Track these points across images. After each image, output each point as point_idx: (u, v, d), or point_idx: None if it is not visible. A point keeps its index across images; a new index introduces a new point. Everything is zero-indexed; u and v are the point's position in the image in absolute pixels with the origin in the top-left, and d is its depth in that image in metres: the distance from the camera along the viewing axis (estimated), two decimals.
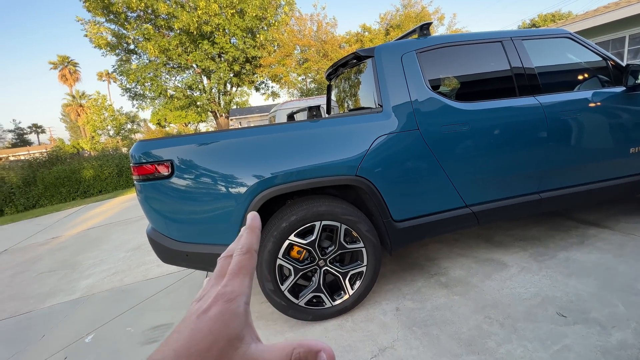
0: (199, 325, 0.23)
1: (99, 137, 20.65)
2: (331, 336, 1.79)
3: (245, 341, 0.24)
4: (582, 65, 2.40)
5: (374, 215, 1.96)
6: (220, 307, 0.24)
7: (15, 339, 2.31)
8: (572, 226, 2.73)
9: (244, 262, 0.27)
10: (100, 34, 13.76)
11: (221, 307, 0.24)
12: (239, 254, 0.28)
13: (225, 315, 0.23)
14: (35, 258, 4.18)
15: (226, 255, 0.29)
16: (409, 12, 15.64)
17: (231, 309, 0.24)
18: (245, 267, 0.27)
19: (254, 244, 0.29)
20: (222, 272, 0.27)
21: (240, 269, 0.26)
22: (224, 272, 0.27)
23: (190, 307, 0.26)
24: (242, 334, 0.24)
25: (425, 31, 2.15)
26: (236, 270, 0.26)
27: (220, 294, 0.25)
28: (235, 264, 0.27)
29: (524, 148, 2.09)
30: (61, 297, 2.86)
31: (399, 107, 1.93)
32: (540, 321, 1.67)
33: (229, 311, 0.24)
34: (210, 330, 0.22)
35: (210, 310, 0.24)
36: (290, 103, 6.42)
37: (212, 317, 0.23)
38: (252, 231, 0.30)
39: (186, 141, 1.77)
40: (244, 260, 0.27)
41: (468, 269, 2.29)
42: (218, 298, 0.24)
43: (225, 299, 0.24)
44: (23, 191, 8.84)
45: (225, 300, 0.24)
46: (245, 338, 0.24)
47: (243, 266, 0.27)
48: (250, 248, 0.28)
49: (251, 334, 0.25)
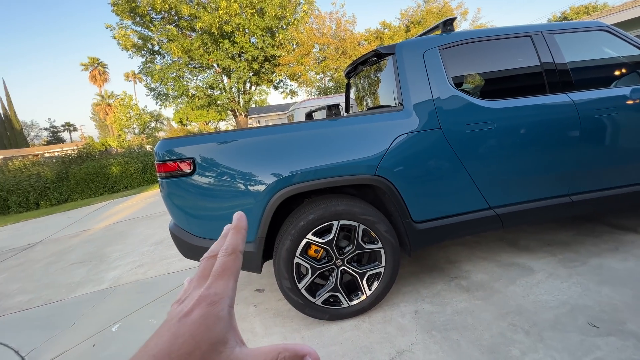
0: (180, 329, 0.22)
1: (125, 135, 21.59)
2: (348, 336, 1.78)
3: (229, 345, 0.23)
4: (620, 60, 2.24)
5: (393, 215, 1.92)
6: (203, 310, 0.23)
7: (48, 325, 2.46)
8: (605, 231, 2.57)
9: (229, 264, 0.26)
10: (127, 37, 14.35)
11: (204, 310, 0.23)
12: (223, 254, 0.27)
13: (208, 318, 0.23)
14: (67, 249, 4.43)
15: (209, 256, 0.28)
16: (430, 7, 15.25)
17: (214, 312, 0.23)
18: (230, 268, 0.26)
19: (239, 245, 0.28)
20: (205, 273, 0.26)
21: (225, 271, 0.25)
22: (207, 273, 0.26)
23: (170, 309, 0.25)
24: (226, 338, 0.23)
25: (449, 27, 2.08)
26: (220, 272, 0.25)
27: (203, 296, 0.24)
28: (220, 265, 0.26)
29: (554, 148, 1.98)
30: (90, 287, 3.02)
31: (420, 105, 1.88)
32: (569, 331, 1.59)
33: (212, 314, 0.23)
34: (192, 334, 0.22)
35: (193, 314, 0.23)
36: (309, 102, 6.43)
37: (195, 321, 0.22)
38: (237, 231, 0.29)
39: (207, 140, 1.81)
40: (229, 262, 0.26)
41: (491, 273, 2.21)
42: (201, 300, 0.23)
43: (208, 301, 0.23)
44: (57, 186, 9.39)
45: (208, 302, 0.23)
46: (229, 342, 0.23)
47: (227, 268, 0.26)
48: (236, 249, 0.27)
49: (235, 338, 0.24)
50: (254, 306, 2.23)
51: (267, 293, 2.38)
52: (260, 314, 2.13)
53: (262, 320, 2.05)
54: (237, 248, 0.27)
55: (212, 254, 0.28)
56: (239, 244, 0.28)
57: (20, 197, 8.94)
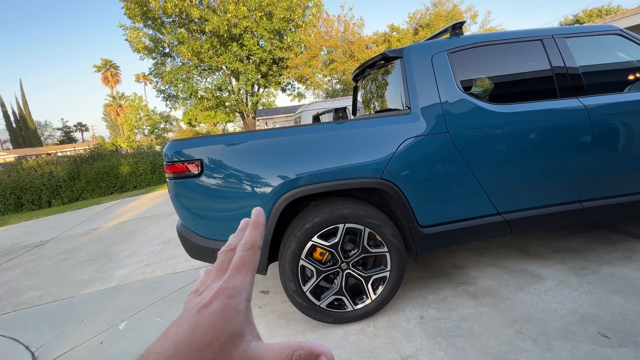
0: (199, 319, 0.22)
1: (135, 136, 21.95)
2: (352, 340, 1.77)
3: (246, 339, 0.23)
4: (634, 64, 2.19)
5: (399, 219, 1.91)
6: (221, 302, 0.23)
7: (58, 321, 2.50)
8: (618, 239, 2.51)
9: (247, 258, 0.26)
10: (139, 39, 14.63)
11: (222, 302, 0.23)
12: (242, 249, 0.27)
13: (227, 311, 0.23)
14: (77, 247, 4.51)
15: (227, 249, 0.28)
16: (439, 10, 15.18)
17: (232, 305, 0.23)
18: (248, 263, 0.26)
19: (257, 240, 0.28)
20: (223, 266, 0.27)
21: (243, 265, 0.26)
22: (225, 266, 0.27)
23: (187, 299, 0.26)
24: (243, 331, 0.23)
25: (458, 30, 2.07)
26: (239, 266, 0.26)
27: (221, 289, 0.24)
28: (238, 259, 0.26)
29: (564, 153, 1.95)
30: (99, 284, 3.07)
31: (428, 109, 1.87)
32: (579, 341, 1.55)
33: (231, 307, 0.23)
34: (210, 326, 0.22)
35: (212, 305, 0.23)
36: (316, 104, 6.45)
37: (213, 312, 0.23)
38: (256, 227, 0.29)
39: (215, 141, 1.83)
40: (247, 257, 0.26)
41: (499, 279, 2.17)
42: (219, 293, 0.24)
43: (226, 294, 0.24)
44: (68, 185, 9.58)
45: (226, 295, 0.24)
46: (246, 335, 0.23)
47: (246, 262, 0.26)
48: (254, 244, 0.27)
49: (252, 332, 0.24)
50: (259, 308, 2.24)
51: (271, 295, 2.38)
52: (264, 315, 2.13)
53: (267, 322, 2.06)
54: (255, 243, 0.28)
55: (231, 247, 0.28)
56: (257, 239, 0.28)
57: (33, 195, 9.15)
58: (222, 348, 0.22)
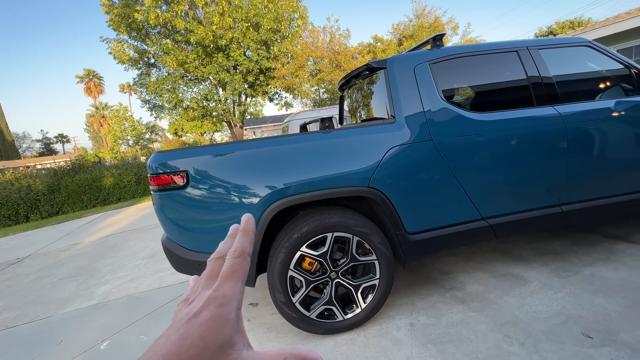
0: (189, 330, 0.22)
1: (119, 147, 21.46)
2: (342, 351, 1.75)
3: (237, 347, 0.23)
4: (604, 74, 2.32)
5: (387, 227, 1.93)
6: (211, 311, 0.23)
7: (35, 342, 2.37)
8: (597, 241, 2.60)
9: (237, 266, 0.26)
10: (124, 51, 14.45)
11: (212, 312, 0.23)
12: (232, 257, 0.27)
13: (217, 320, 0.23)
14: (56, 263, 4.32)
15: (217, 257, 0.28)
16: (422, 22, 15.67)
17: (223, 315, 0.23)
18: (238, 271, 0.26)
19: (247, 247, 0.28)
20: (213, 274, 0.26)
21: (233, 273, 0.25)
22: (215, 274, 0.26)
23: (176, 308, 0.25)
24: (234, 340, 0.23)
25: (438, 42, 2.14)
26: (228, 274, 0.25)
27: (211, 298, 0.24)
28: (228, 267, 0.26)
29: (542, 159, 2.03)
30: (80, 302, 2.94)
31: (411, 118, 1.92)
32: (564, 342, 1.58)
33: (221, 316, 0.23)
34: (200, 336, 0.22)
35: (201, 315, 0.23)
36: (304, 113, 6.50)
37: (203, 323, 0.22)
38: (245, 233, 0.29)
39: (201, 152, 1.81)
40: (237, 264, 0.26)
41: (485, 283, 2.21)
42: (209, 302, 0.23)
43: (216, 303, 0.23)
44: (48, 198, 9.23)
45: (216, 304, 0.23)
46: (237, 344, 0.23)
47: (236, 270, 0.26)
48: (244, 251, 0.27)
49: (243, 340, 0.24)
50: (248, 320, 2.19)
51: (260, 307, 2.34)
52: (254, 328, 2.09)
53: (256, 335, 2.01)
54: (245, 250, 0.27)
55: (220, 254, 0.28)
56: (247, 247, 0.28)
57: (9, 210, 8.76)
58: (213, 358, 0.21)
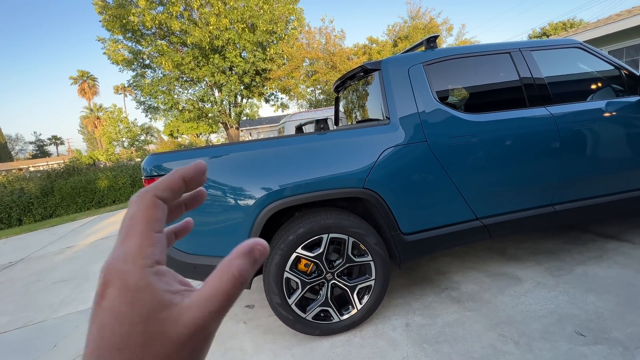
0: (102, 318, 0.18)
1: (114, 149, 21.28)
2: (339, 352, 1.75)
3: (173, 303, 0.19)
4: (595, 75, 2.36)
5: (382, 228, 1.94)
6: (115, 288, 0.19)
7: (28, 348, 2.34)
8: (589, 239, 2.63)
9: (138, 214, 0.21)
10: (118, 51, 14.35)
11: (117, 285, 0.19)
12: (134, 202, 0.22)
13: (126, 294, 0.18)
14: (50, 267, 4.27)
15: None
16: (417, 23, 15.76)
17: (131, 285, 0.18)
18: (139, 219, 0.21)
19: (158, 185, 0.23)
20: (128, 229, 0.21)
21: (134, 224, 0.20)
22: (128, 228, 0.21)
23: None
24: (163, 301, 0.19)
25: (432, 44, 2.16)
26: (126, 231, 0.20)
27: (110, 270, 0.19)
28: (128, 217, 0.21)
29: (535, 159, 2.05)
30: (74, 306, 2.91)
31: (406, 119, 1.93)
32: (557, 340, 1.60)
33: (128, 288, 0.18)
34: (118, 320, 0.18)
35: (107, 295, 0.19)
36: (299, 115, 6.51)
37: (110, 306, 0.18)
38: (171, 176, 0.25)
39: (196, 154, 1.81)
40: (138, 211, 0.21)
41: (480, 283, 2.22)
42: (108, 275, 0.19)
43: (117, 274, 0.19)
44: (41, 201, 9.12)
45: (118, 276, 0.19)
46: (170, 301, 0.19)
47: (136, 220, 0.21)
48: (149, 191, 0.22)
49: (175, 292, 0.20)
50: (244, 323, 2.18)
51: (257, 309, 2.33)
52: (250, 331, 2.08)
53: (252, 337, 2.01)
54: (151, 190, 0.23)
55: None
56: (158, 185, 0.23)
57: (1, 214, 8.63)
58: (147, 333, 0.18)
